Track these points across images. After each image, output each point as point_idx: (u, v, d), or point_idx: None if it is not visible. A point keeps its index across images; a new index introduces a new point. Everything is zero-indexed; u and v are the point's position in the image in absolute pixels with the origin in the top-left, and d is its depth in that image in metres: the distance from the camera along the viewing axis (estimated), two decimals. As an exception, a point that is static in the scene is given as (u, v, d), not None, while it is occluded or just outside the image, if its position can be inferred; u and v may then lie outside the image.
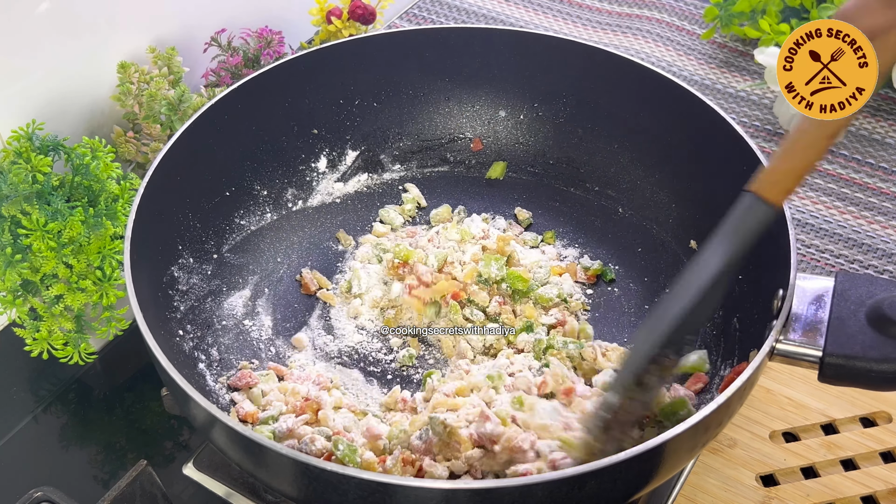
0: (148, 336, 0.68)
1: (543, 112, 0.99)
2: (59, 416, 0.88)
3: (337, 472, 0.58)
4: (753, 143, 0.80)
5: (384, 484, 0.59)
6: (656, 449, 0.60)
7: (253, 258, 0.91)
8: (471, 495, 0.58)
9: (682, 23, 1.31)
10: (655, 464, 0.63)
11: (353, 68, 0.96)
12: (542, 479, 0.58)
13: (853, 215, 1.05)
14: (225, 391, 0.80)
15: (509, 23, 1.32)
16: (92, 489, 0.82)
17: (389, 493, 0.59)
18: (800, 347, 0.68)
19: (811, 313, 0.69)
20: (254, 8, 1.13)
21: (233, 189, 0.91)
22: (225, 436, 0.64)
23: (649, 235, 0.92)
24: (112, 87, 0.98)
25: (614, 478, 0.60)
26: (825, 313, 0.69)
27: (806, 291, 0.70)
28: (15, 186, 0.80)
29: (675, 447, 0.62)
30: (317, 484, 0.61)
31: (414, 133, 1.00)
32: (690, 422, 0.61)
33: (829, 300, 0.69)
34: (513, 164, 1.00)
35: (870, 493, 0.79)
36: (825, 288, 0.70)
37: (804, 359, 0.68)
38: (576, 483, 0.59)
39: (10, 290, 0.82)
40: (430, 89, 0.99)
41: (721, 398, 0.62)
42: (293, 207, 0.95)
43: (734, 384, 0.63)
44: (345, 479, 0.59)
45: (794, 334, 0.68)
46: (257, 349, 0.85)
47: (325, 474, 0.59)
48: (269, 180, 0.94)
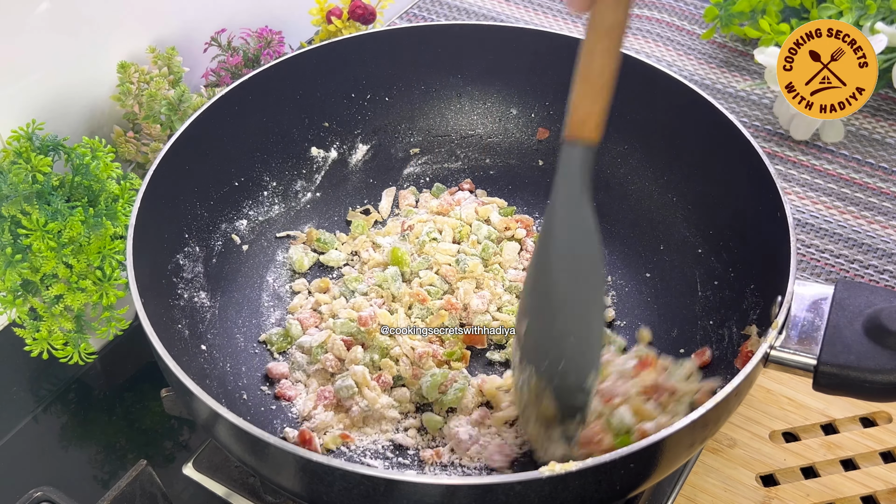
0: (148, 327, 0.68)
1: (555, 111, 0.98)
2: (59, 416, 0.88)
3: (339, 467, 0.59)
4: (760, 150, 0.79)
5: (386, 480, 0.59)
6: (654, 445, 0.60)
7: (259, 248, 0.92)
8: (471, 491, 0.59)
9: (682, 23, 1.31)
10: (654, 460, 0.63)
11: (366, 62, 0.96)
12: (541, 475, 0.58)
13: (853, 215, 1.05)
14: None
15: (509, 23, 1.32)
16: (92, 489, 0.82)
17: (391, 488, 0.59)
18: (794, 355, 0.68)
19: (808, 321, 0.69)
20: (254, 8, 1.13)
21: (241, 179, 0.91)
22: (227, 432, 0.64)
23: (656, 236, 0.92)
24: (112, 87, 0.98)
25: (612, 474, 0.61)
26: (822, 321, 0.68)
27: (804, 298, 0.70)
28: (15, 186, 0.80)
29: (673, 444, 0.62)
30: (319, 480, 0.61)
31: (425, 129, 1.00)
32: (688, 419, 0.61)
33: (827, 308, 0.69)
34: (522, 161, 1.00)
35: (870, 493, 0.79)
36: (824, 295, 0.70)
37: (798, 366, 0.68)
38: (575, 479, 0.59)
39: (10, 290, 0.82)
40: (442, 85, 0.99)
41: (718, 397, 0.62)
42: (302, 199, 0.96)
43: (730, 384, 0.63)
44: (347, 475, 0.59)
45: (789, 341, 0.68)
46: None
47: (327, 470, 0.59)
48: (278, 171, 0.94)
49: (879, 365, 0.65)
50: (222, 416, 0.62)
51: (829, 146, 1.12)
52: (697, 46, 1.27)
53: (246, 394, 0.80)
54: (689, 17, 1.32)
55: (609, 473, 0.60)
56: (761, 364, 0.66)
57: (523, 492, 0.59)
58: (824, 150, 1.12)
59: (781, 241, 0.72)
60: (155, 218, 0.79)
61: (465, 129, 1.01)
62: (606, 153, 0.96)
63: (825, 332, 0.68)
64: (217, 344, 0.83)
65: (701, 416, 0.61)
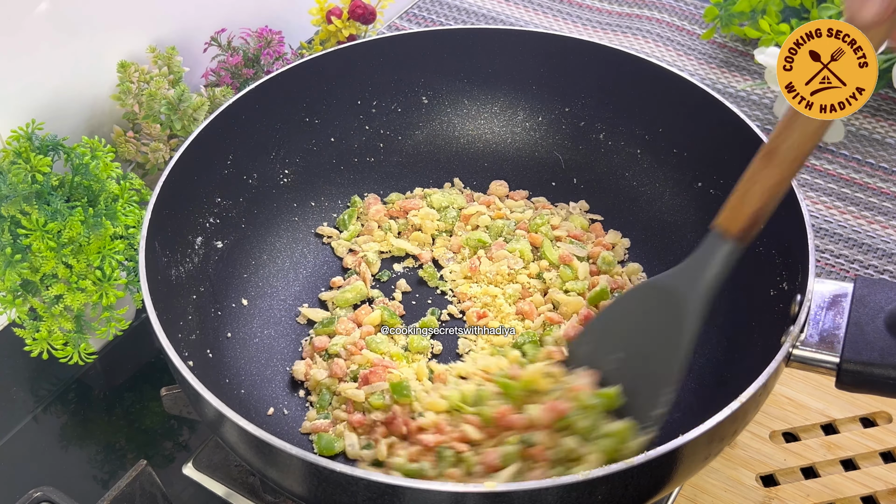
0: (155, 320, 0.68)
1: (563, 115, 0.98)
2: (59, 416, 0.88)
3: (346, 473, 0.58)
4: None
5: (393, 486, 0.58)
6: (669, 455, 0.59)
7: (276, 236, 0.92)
8: (480, 498, 0.58)
9: (682, 23, 1.31)
10: (668, 470, 0.62)
11: (372, 67, 0.96)
12: (553, 483, 0.57)
13: (853, 215, 1.05)
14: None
15: (509, 22, 1.32)
16: (92, 489, 0.82)
17: (398, 494, 0.59)
18: (817, 353, 0.67)
19: (829, 319, 0.68)
20: (254, 8, 1.13)
21: (255, 176, 0.91)
22: (235, 434, 0.64)
23: (667, 237, 0.92)
24: (112, 86, 0.98)
25: (626, 483, 0.60)
26: (843, 319, 0.67)
27: (824, 296, 0.69)
28: (14, 186, 0.80)
29: (690, 453, 0.61)
30: (326, 484, 0.61)
31: (431, 133, 1.00)
32: (704, 428, 0.60)
33: (848, 306, 0.68)
34: (529, 166, 1.00)
35: (870, 493, 0.79)
36: (843, 293, 0.69)
37: (821, 365, 0.67)
38: (587, 488, 0.58)
39: (10, 290, 0.82)
40: (448, 91, 0.99)
41: (735, 405, 0.61)
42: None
43: (748, 391, 0.62)
44: (354, 481, 0.59)
45: (810, 340, 0.67)
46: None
47: (334, 475, 0.59)
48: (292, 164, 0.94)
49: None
50: (229, 419, 0.62)
51: (829, 146, 1.12)
52: (697, 46, 1.27)
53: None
54: (689, 17, 1.32)
55: (622, 483, 0.60)
56: (783, 363, 0.65)
57: (532, 501, 0.58)
58: (824, 150, 1.12)
59: (799, 239, 0.71)
60: (169, 214, 0.79)
61: (471, 134, 1.00)
62: (617, 154, 0.96)
63: (847, 330, 0.67)
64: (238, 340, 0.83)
65: (716, 425, 0.60)
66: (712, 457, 0.67)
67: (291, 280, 0.91)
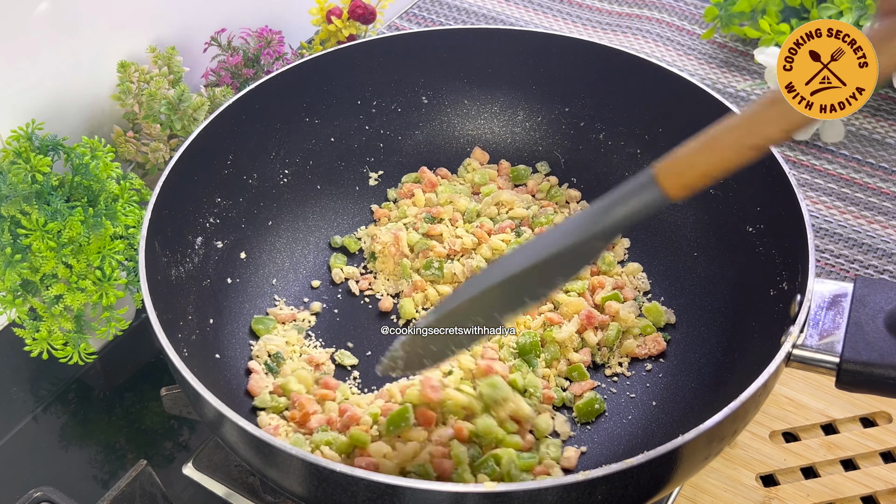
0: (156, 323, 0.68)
1: (563, 115, 0.98)
2: (59, 416, 0.88)
3: (346, 473, 0.58)
4: (779, 153, 0.78)
5: (393, 486, 0.58)
6: (669, 455, 0.59)
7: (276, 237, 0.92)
8: (480, 499, 0.58)
9: (682, 23, 1.31)
10: (668, 470, 0.62)
11: (372, 67, 0.96)
12: (553, 483, 0.57)
13: (853, 215, 1.05)
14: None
15: (509, 22, 1.32)
16: (92, 489, 0.82)
17: (398, 494, 0.59)
18: (817, 353, 0.66)
19: (829, 319, 0.68)
20: (254, 8, 1.13)
21: (255, 176, 0.91)
22: (235, 434, 0.64)
23: (667, 238, 0.92)
24: (112, 86, 0.98)
25: (626, 483, 0.60)
26: (843, 319, 0.67)
27: (823, 296, 0.69)
28: (14, 186, 0.80)
29: (689, 453, 0.61)
30: (326, 484, 0.61)
31: (431, 133, 1.00)
32: (703, 428, 0.60)
33: (848, 306, 0.68)
34: (529, 166, 1.00)
35: (870, 493, 0.79)
36: (843, 293, 0.69)
37: (821, 365, 0.67)
38: (587, 488, 0.58)
39: (10, 290, 0.82)
40: (448, 91, 0.99)
41: (735, 405, 0.61)
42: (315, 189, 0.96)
43: (748, 391, 0.62)
44: (354, 481, 0.59)
45: (810, 340, 0.67)
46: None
47: (334, 475, 0.59)
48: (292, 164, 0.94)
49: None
50: (229, 419, 0.62)
51: (829, 146, 1.12)
52: (697, 46, 1.27)
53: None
54: (689, 17, 1.32)
55: (622, 483, 0.60)
56: (783, 363, 0.65)
57: (531, 501, 0.58)
58: (824, 150, 1.12)
59: (798, 239, 0.71)
60: (170, 215, 0.79)
61: (471, 135, 1.00)
62: (617, 154, 0.96)
63: (846, 330, 0.67)
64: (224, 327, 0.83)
65: (716, 424, 0.60)
66: (712, 457, 0.66)
67: (291, 280, 0.91)
